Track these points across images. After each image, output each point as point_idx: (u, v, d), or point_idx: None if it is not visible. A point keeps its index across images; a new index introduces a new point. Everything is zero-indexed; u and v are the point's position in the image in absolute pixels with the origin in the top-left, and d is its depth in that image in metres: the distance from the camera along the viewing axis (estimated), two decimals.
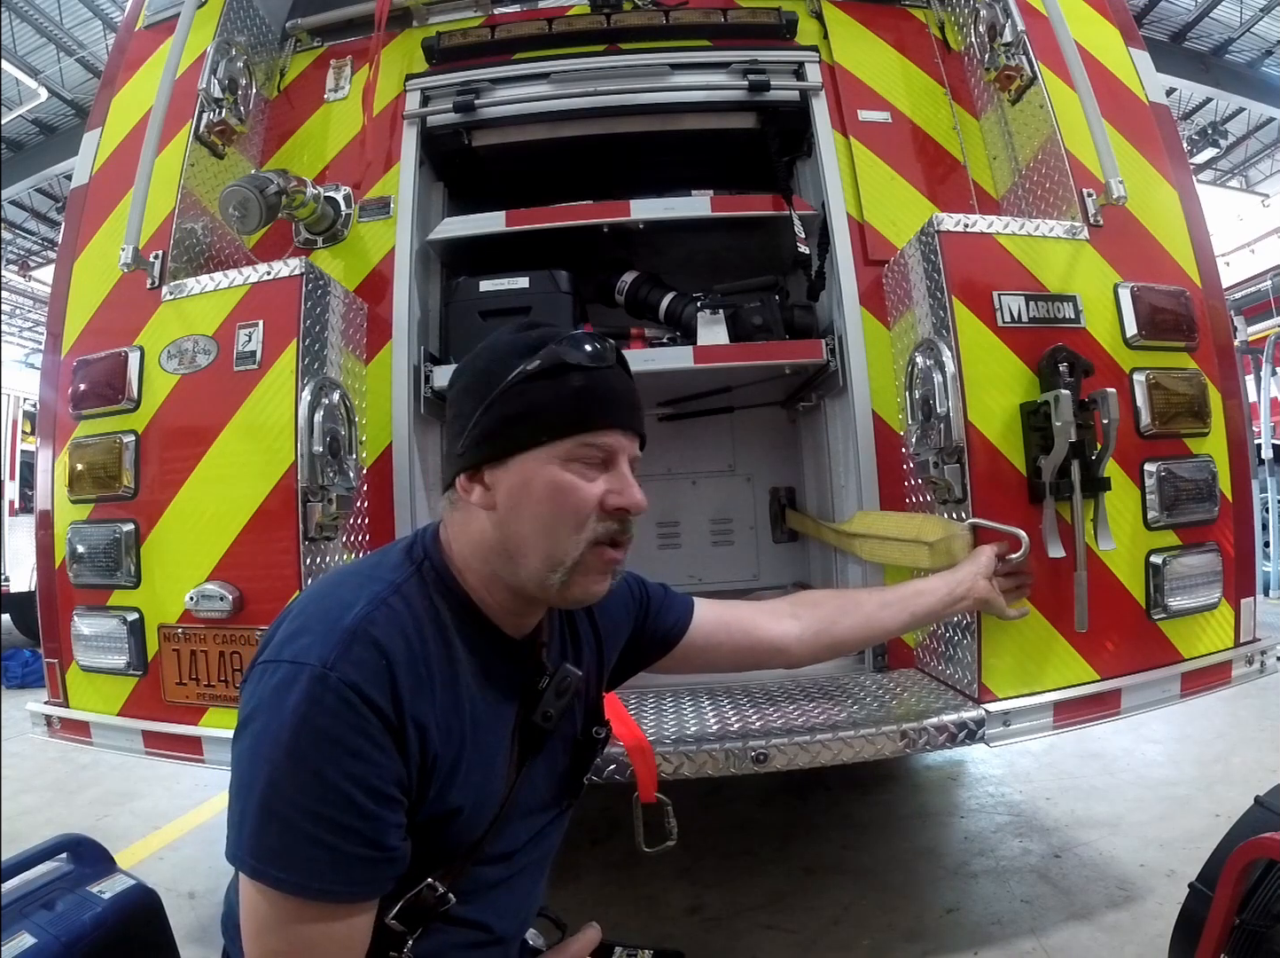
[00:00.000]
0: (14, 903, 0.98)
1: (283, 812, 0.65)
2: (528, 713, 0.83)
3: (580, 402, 0.78)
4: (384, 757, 0.68)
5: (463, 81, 1.88)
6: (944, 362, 1.40)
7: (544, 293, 1.91)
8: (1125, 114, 1.72)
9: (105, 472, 1.56)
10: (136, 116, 1.85)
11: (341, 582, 0.79)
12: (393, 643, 0.70)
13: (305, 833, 0.65)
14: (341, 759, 0.65)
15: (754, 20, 1.90)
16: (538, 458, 0.77)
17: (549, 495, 0.77)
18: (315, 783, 0.65)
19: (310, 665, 0.67)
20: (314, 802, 0.65)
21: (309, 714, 0.65)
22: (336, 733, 0.66)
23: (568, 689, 0.85)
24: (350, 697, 0.66)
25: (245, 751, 0.68)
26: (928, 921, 1.69)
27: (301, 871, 0.65)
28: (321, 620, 0.71)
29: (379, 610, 0.72)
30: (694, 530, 2.55)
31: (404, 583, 0.77)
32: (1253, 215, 14.14)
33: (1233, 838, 1.08)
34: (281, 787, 0.65)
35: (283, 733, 0.65)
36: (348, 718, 0.66)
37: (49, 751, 3.02)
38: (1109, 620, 1.43)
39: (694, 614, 1.10)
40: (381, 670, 0.68)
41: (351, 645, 0.68)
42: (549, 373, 0.77)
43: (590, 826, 2.19)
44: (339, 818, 0.65)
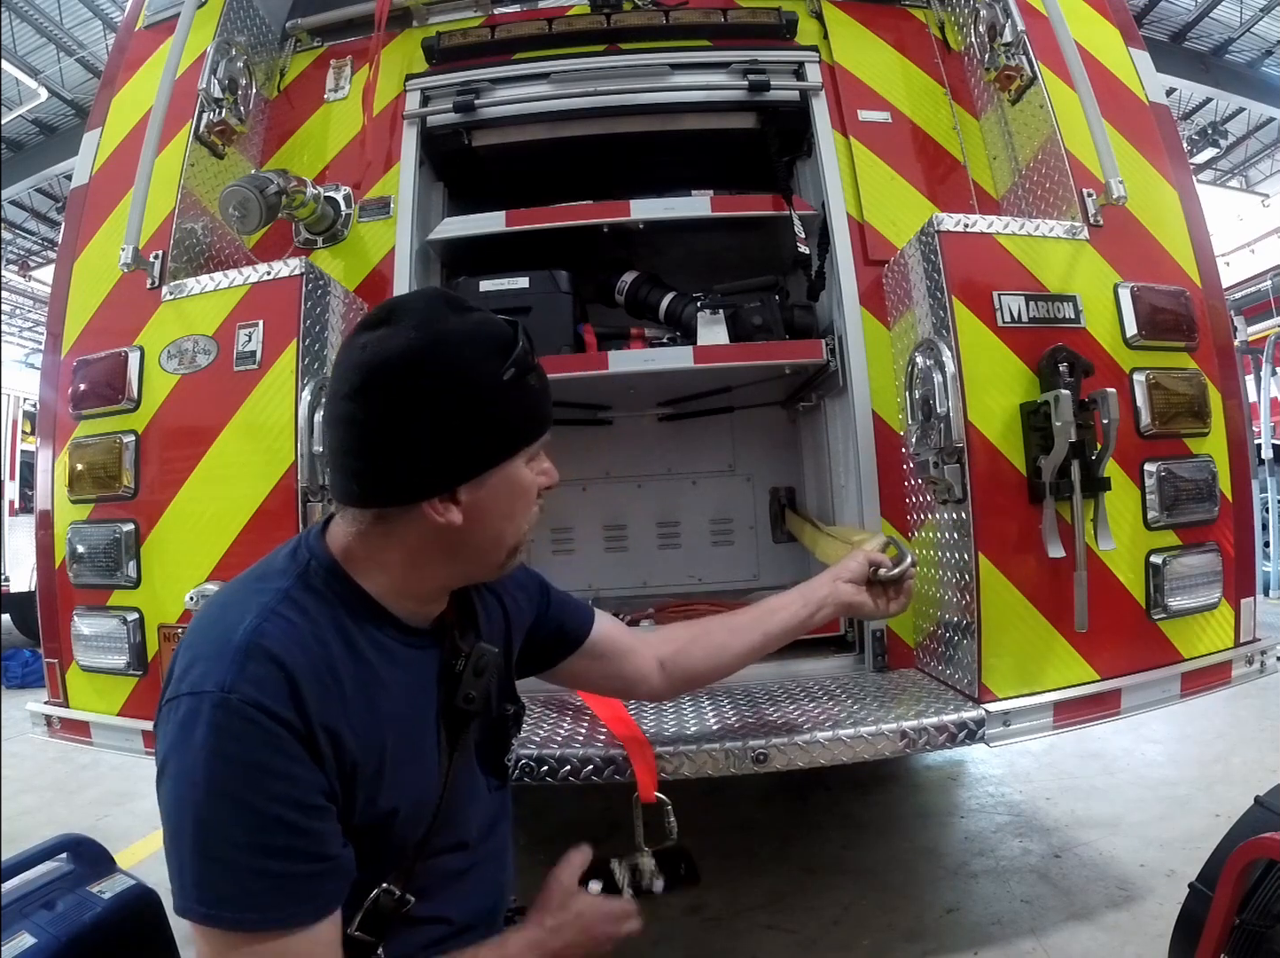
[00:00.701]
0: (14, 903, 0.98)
1: (220, 852, 0.63)
2: (449, 698, 0.81)
3: (540, 403, 0.78)
4: (303, 769, 0.66)
5: (463, 81, 1.88)
6: (944, 362, 1.40)
7: (544, 293, 1.91)
8: (1125, 114, 1.72)
9: (105, 472, 1.56)
10: (136, 116, 1.84)
11: (227, 601, 0.75)
12: (289, 653, 0.68)
13: (248, 867, 0.63)
14: (262, 782, 0.64)
15: (754, 20, 1.90)
16: (512, 464, 0.76)
17: (520, 496, 0.78)
18: (243, 814, 0.63)
19: (209, 693, 0.65)
20: (248, 833, 0.63)
21: (218, 745, 0.63)
22: (250, 757, 0.64)
23: (485, 668, 0.83)
24: (255, 716, 0.64)
25: (167, 797, 0.66)
26: (928, 921, 1.69)
27: (256, 906, 0.63)
28: (212, 644, 0.68)
29: (269, 622, 0.69)
30: (694, 530, 2.55)
31: (292, 588, 0.73)
32: (1253, 215, 14.14)
33: (1233, 838, 1.08)
34: (212, 826, 0.63)
35: (197, 771, 0.63)
36: (258, 738, 0.64)
37: (49, 750, 3.01)
38: (1109, 621, 1.43)
39: (595, 623, 1.07)
40: (282, 683, 0.66)
41: (246, 664, 0.66)
42: (519, 377, 0.74)
43: (590, 825, 2.19)
44: (277, 842, 0.64)
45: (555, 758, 1.22)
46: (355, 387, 0.71)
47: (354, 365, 0.72)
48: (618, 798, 1.22)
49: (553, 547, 2.51)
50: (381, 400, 0.70)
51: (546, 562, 2.48)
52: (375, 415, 0.71)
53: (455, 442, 0.71)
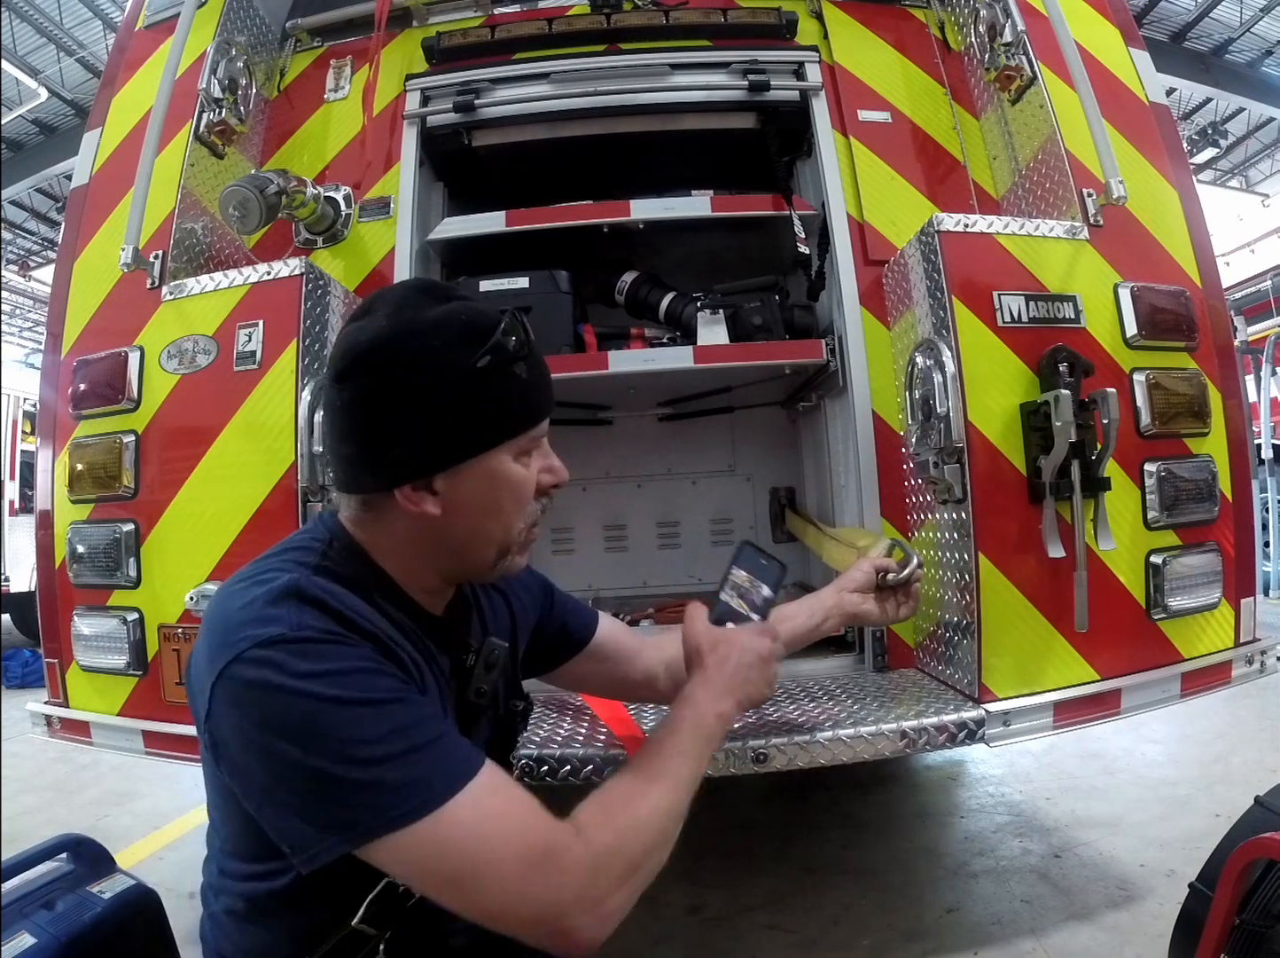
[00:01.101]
0: (14, 903, 0.98)
1: (369, 754, 0.62)
2: (461, 692, 0.81)
3: (529, 394, 0.75)
4: (387, 663, 0.68)
5: (463, 81, 1.88)
6: (944, 362, 1.40)
7: (544, 293, 1.91)
8: (1125, 114, 1.72)
9: (105, 472, 1.56)
10: (136, 116, 1.84)
11: (252, 579, 0.72)
12: (334, 598, 0.68)
13: (402, 753, 0.63)
14: (368, 680, 0.65)
15: (754, 20, 1.90)
16: (495, 457, 0.74)
17: (507, 491, 0.75)
18: (370, 710, 0.63)
19: (275, 641, 0.63)
20: (383, 725, 0.63)
21: (313, 669, 0.63)
22: (347, 665, 0.64)
23: (496, 662, 0.84)
24: (327, 636, 0.65)
25: (281, 758, 0.62)
26: (928, 921, 1.69)
27: (431, 777, 0.63)
28: (253, 607, 0.67)
29: (306, 581, 0.69)
30: (694, 530, 2.55)
31: (319, 562, 0.73)
32: (1253, 215, 14.14)
33: (1233, 838, 1.08)
34: (349, 739, 0.62)
35: (308, 703, 0.62)
36: (342, 651, 0.65)
37: (49, 750, 3.01)
38: (1109, 620, 1.43)
39: (599, 626, 1.08)
40: (335, 618, 0.67)
41: (301, 606, 0.66)
42: (500, 366, 0.72)
43: None
44: (409, 718, 0.65)
45: (555, 758, 1.22)
46: (334, 373, 0.72)
47: (336, 353, 0.74)
48: None
49: (553, 547, 2.51)
50: (354, 387, 0.71)
51: (546, 562, 2.48)
52: (349, 402, 0.72)
53: (425, 430, 0.71)
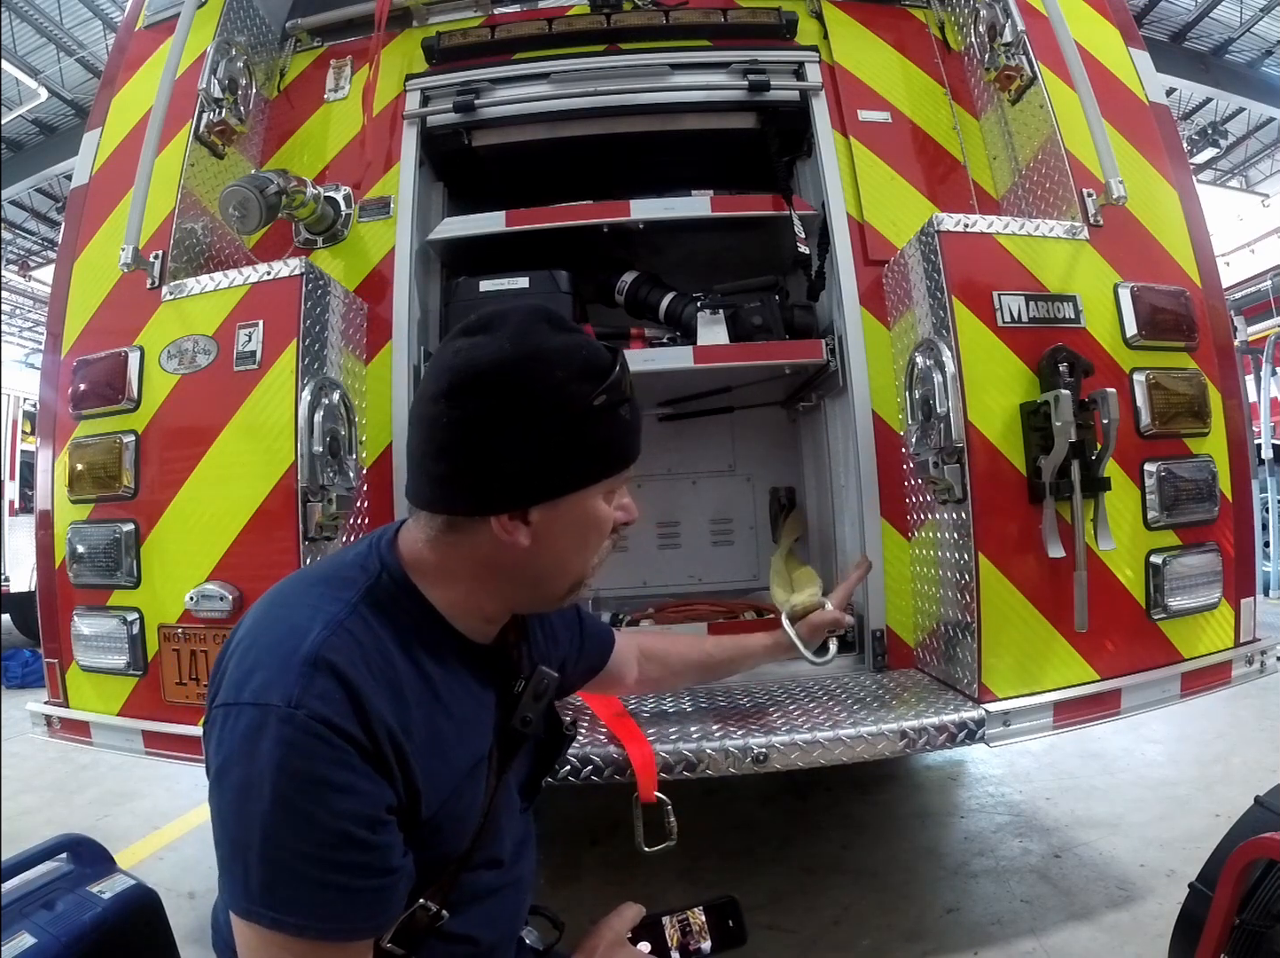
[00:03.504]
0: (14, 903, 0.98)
1: (287, 862, 0.62)
2: (506, 718, 0.82)
3: (628, 437, 0.76)
4: (369, 784, 0.65)
5: (463, 81, 1.88)
6: (944, 362, 1.40)
7: (544, 293, 1.91)
8: (1125, 114, 1.72)
9: (105, 472, 1.56)
10: (136, 116, 1.85)
11: (292, 603, 0.74)
12: (356, 669, 0.67)
13: (315, 879, 0.63)
14: (329, 798, 0.63)
15: (754, 20, 1.90)
16: (590, 494, 0.74)
17: (594, 528, 0.76)
18: (310, 828, 0.62)
19: (275, 706, 0.64)
20: (315, 847, 0.63)
21: (285, 759, 0.63)
22: (318, 772, 0.63)
23: (545, 692, 0.84)
24: (322, 732, 0.63)
25: (230, 806, 0.65)
26: (928, 921, 1.69)
27: (322, 916, 0.63)
28: (276, 653, 0.67)
29: (337, 636, 0.68)
30: (694, 530, 2.55)
31: (361, 601, 0.72)
32: (1253, 215, 14.14)
33: (1233, 838, 1.08)
34: (278, 838, 0.62)
35: (264, 784, 0.62)
36: (325, 754, 0.63)
37: (49, 751, 3.02)
38: (1109, 620, 1.43)
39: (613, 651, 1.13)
40: (347, 699, 0.65)
41: (314, 678, 0.65)
42: (612, 406, 0.72)
43: (590, 826, 2.19)
44: (345, 857, 0.64)
45: None
46: (443, 389, 0.70)
47: (445, 368, 0.71)
48: (618, 798, 1.22)
49: None
50: (466, 407, 0.69)
51: None
52: (458, 421, 0.69)
53: (534, 460, 0.70)
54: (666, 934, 0.92)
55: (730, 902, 0.95)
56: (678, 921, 0.93)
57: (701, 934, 0.93)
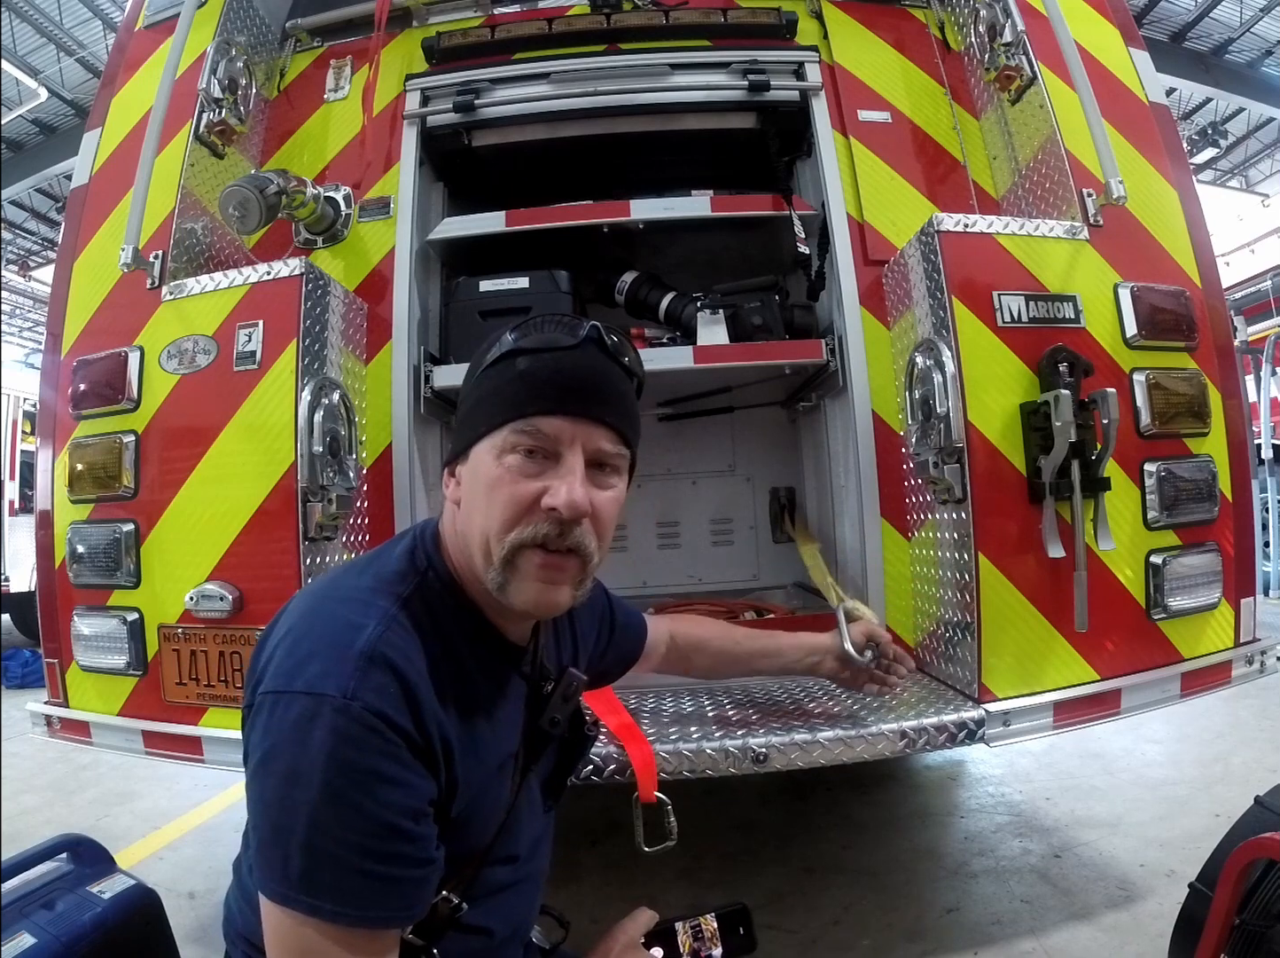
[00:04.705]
0: (14, 903, 0.98)
1: (331, 850, 0.63)
2: (534, 718, 0.83)
3: (518, 386, 0.73)
4: (417, 777, 0.67)
5: (463, 81, 1.88)
6: (944, 362, 1.40)
7: (544, 293, 1.90)
8: (1125, 114, 1.72)
9: (105, 472, 1.56)
10: (136, 116, 1.85)
11: (344, 597, 0.75)
12: (408, 664, 0.69)
13: (356, 867, 0.63)
14: (379, 789, 0.64)
15: (754, 20, 1.90)
16: (483, 448, 0.74)
17: (485, 488, 0.73)
18: (358, 817, 0.63)
19: (330, 697, 0.64)
20: (361, 836, 0.63)
21: (337, 749, 0.63)
22: (369, 764, 0.64)
23: (573, 694, 0.85)
24: (377, 724, 0.65)
25: (274, 792, 0.65)
26: (928, 921, 1.69)
27: (359, 904, 0.64)
28: (332, 645, 0.68)
29: (392, 631, 0.70)
30: (694, 530, 2.55)
31: (411, 595, 0.74)
32: (1253, 215, 14.14)
33: (1233, 838, 1.08)
34: (324, 826, 0.63)
35: (314, 772, 0.63)
36: (378, 746, 0.65)
37: (49, 751, 3.02)
38: (1109, 620, 1.43)
39: (647, 641, 1.15)
40: (401, 693, 0.67)
41: (369, 672, 0.66)
42: (500, 360, 0.75)
43: (590, 826, 2.19)
44: (388, 847, 0.65)
45: None
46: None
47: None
48: (618, 798, 1.22)
49: None
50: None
51: None
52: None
53: (458, 415, 0.79)
54: (679, 940, 0.93)
55: (742, 909, 0.96)
56: (690, 927, 0.94)
57: (713, 941, 0.94)
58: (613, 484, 0.76)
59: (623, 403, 0.76)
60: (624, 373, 0.77)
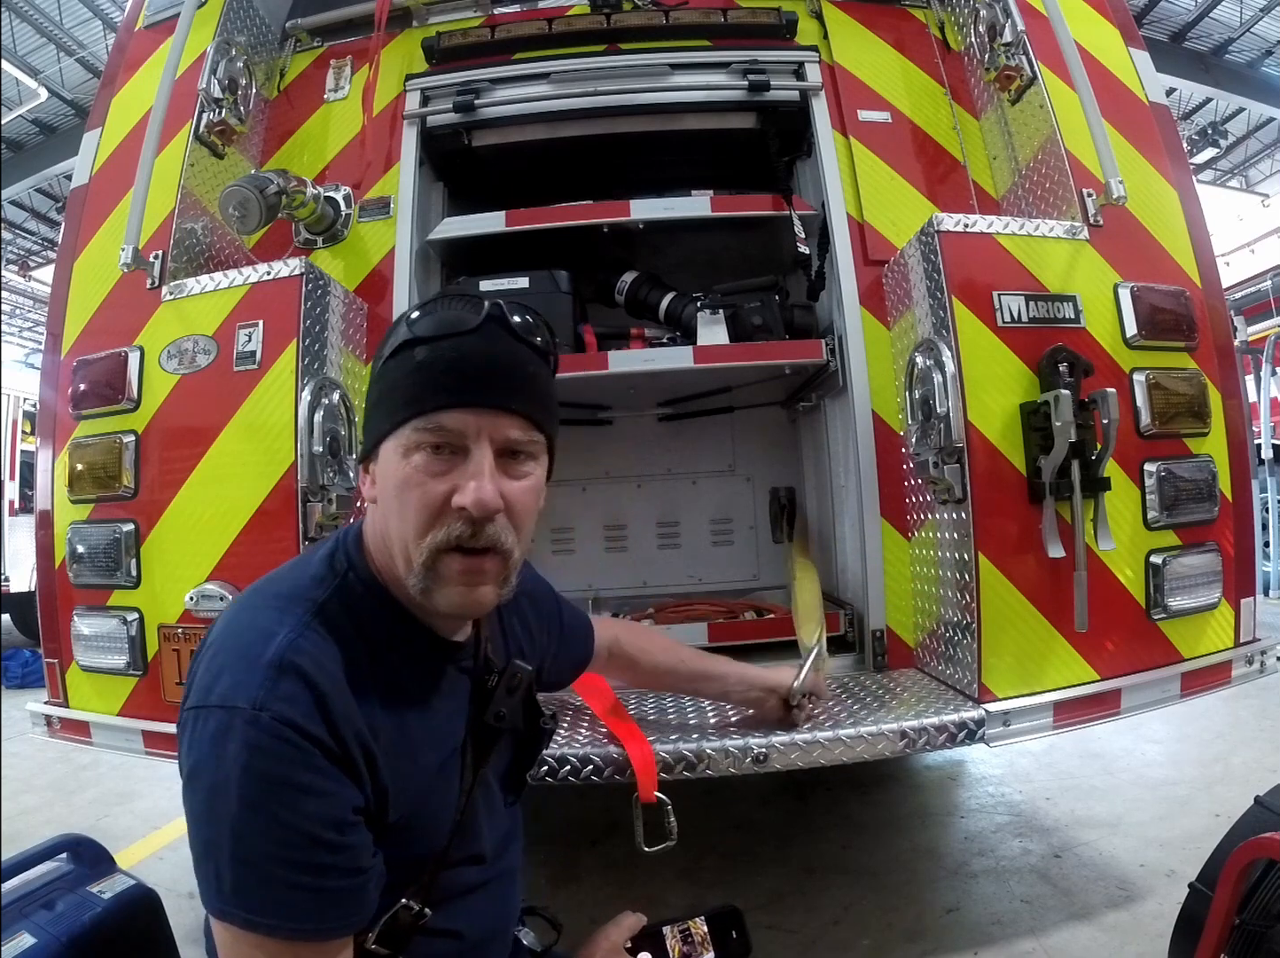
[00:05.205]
0: (14, 903, 0.98)
1: (257, 863, 0.63)
2: (479, 713, 0.80)
3: (416, 380, 0.70)
4: (336, 785, 0.65)
5: (463, 81, 1.88)
6: (944, 362, 1.40)
7: (544, 293, 1.91)
8: (1125, 114, 1.72)
9: (105, 472, 1.56)
10: (136, 116, 1.85)
11: (261, 605, 0.73)
12: (319, 670, 0.67)
13: (285, 880, 0.63)
14: (296, 800, 0.63)
15: (754, 20, 1.90)
16: (389, 447, 0.71)
17: (396, 490, 0.70)
18: (278, 829, 0.63)
19: (240, 708, 0.64)
20: (283, 848, 0.63)
21: (251, 761, 0.63)
22: (284, 774, 0.63)
23: (518, 686, 0.82)
24: (288, 734, 0.63)
25: (200, 807, 0.66)
26: (928, 921, 1.69)
27: (293, 917, 0.63)
28: (243, 656, 0.67)
29: (303, 638, 0.68)
30: (694, 530, 2.55)
31: (327, 600, 0.72)
32: (1253, 215, 14.14)
33: (1233, 838, 1.08)
34: (247, 840, 0.63)
35: (231, 786, 0.63)
36: (291, 756, 0.64)
37: (49, 751, 3.01)
38: (1109, 620, 1.43)
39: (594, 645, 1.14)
40: (313, 700, 0.65)
41: (279, 681, 0.65)
42: (399, 350, 0.71)
43: (590, 826, 2.19)
44: (313, 859, 0.64)
45: (555, 758, 1.22)
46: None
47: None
48: (618, 798, 1.22)
49: (553, 547, 2.51)
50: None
51: (547, 562, 2.48)
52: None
53: (366, 407, 0.77)
54: (668, 945, 0.90)
55: (733, 911, 0.93)
56: (679, 931, 0.91)
57: (704, 945, 0.91)
58: (527, 473, 0.73)
59: (532, 386, 0.73)
60: (533, 353, 0.73)
